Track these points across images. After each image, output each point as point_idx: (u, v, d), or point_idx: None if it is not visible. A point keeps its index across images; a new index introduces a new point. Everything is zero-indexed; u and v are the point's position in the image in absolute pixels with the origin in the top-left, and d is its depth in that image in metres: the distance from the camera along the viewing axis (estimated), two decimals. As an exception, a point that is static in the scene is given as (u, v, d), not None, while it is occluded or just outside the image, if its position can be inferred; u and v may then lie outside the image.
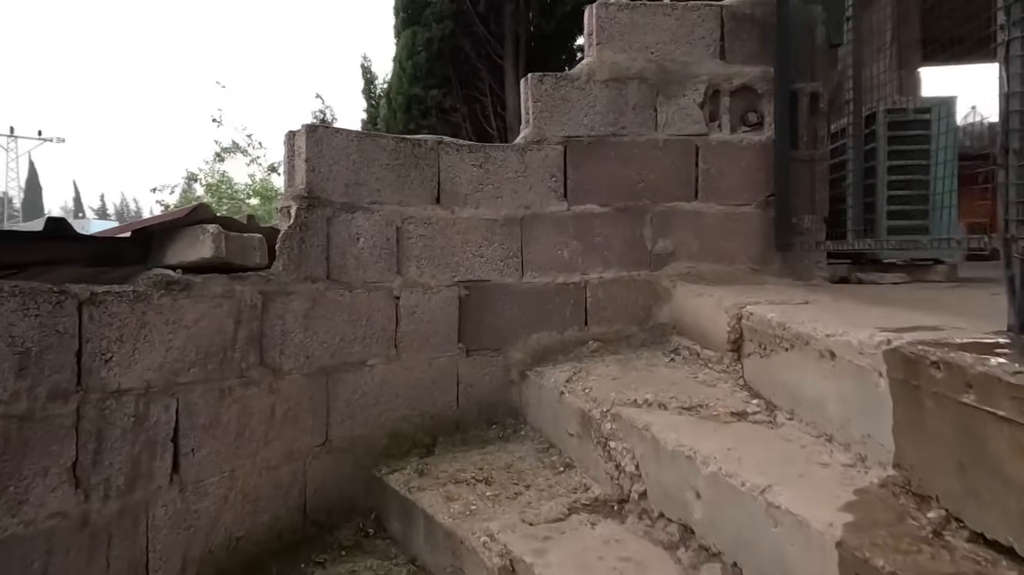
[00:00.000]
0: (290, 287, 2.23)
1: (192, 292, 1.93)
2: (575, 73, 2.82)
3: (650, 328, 2.86)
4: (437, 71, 8.13)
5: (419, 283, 2.58)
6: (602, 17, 2.82)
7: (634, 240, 2.87)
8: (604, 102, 2.82)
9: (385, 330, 2.50)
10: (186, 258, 1.95)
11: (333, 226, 2.38)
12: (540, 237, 2.79)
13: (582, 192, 2.83)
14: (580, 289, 2.84)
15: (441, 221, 2.63)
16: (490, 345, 2.73)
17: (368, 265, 2.46)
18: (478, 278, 2.70)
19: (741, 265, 2.90)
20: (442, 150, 2.65)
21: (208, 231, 1.93)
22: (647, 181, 2.86)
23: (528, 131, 2.79)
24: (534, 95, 2.78)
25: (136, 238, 1.94)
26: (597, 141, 2.83)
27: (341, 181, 2.41)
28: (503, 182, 2.74)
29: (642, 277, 2.87)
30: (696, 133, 2.87)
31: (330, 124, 2.61)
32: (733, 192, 2.89)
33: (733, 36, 2.87)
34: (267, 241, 2.19)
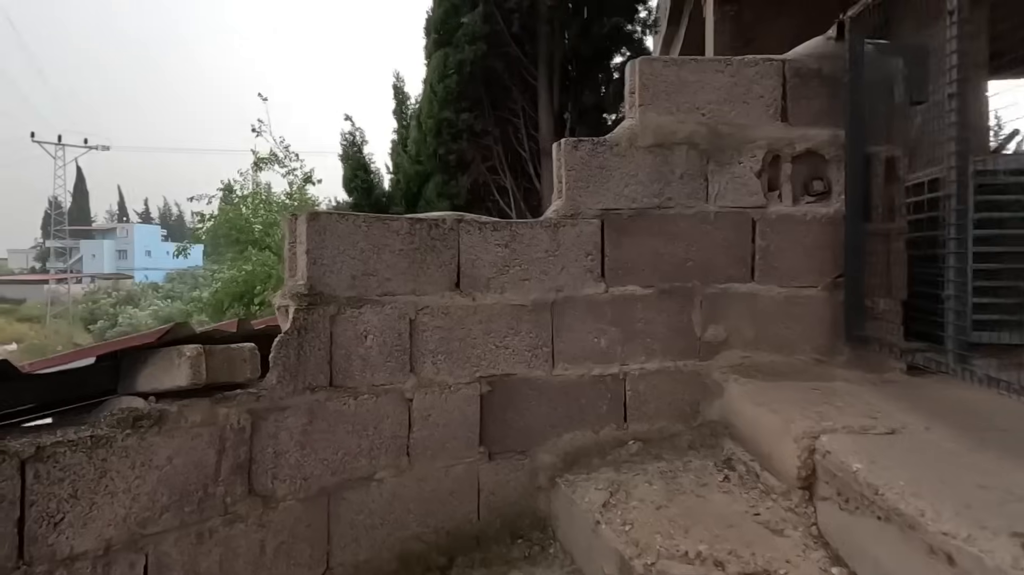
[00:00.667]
0: (285, 401, 1.94)
1: (166, 425, 1.66)
2: (614, 138, 2.49)
3: (698, 427, 2.51)
4: (469, 94, 7.85)
5: (435, 382, 2.28)
6: (646, 74, 2.48)
7: (681, 326, 2.53)
8: (647, 170, 2.49)
9: (396, 438, 2.20)
10: (160, 385, 1.68)
11: (337, 325, 2.09)
12: (573, 324, 2.46)
13: (622, 272, 2.50)
14: (618, 382, 2.50)
15: (461, 310, 2.33)
16: (515, 447, 2.41)
17: (377, 366, 2.17)
18: (502, 372, 2.39)
19: (803, 356, 2.53)
20: (462, 230, 2.34)
21: (185, 355, 1.66)
22: (696, 259, 2.52)
23: (560, 204, 2.47)
24: (568, 163, 2.46)
25: (103, 363, 1.68)
26: (639, 214, 2.49)
27: (347, 273, 2.12)
28: (532, 262, 2.42)
29: (689, 368, 2.53)
30: (753, 205, 2.52)
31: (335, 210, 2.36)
32: (795, 272, 2.52)
33: (797, 94, 2.50)
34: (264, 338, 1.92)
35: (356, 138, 9.53)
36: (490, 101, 8.15)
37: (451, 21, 7.70)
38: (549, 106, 8.30)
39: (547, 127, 8.31)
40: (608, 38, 7.82)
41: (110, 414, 1.58)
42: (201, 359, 1.69)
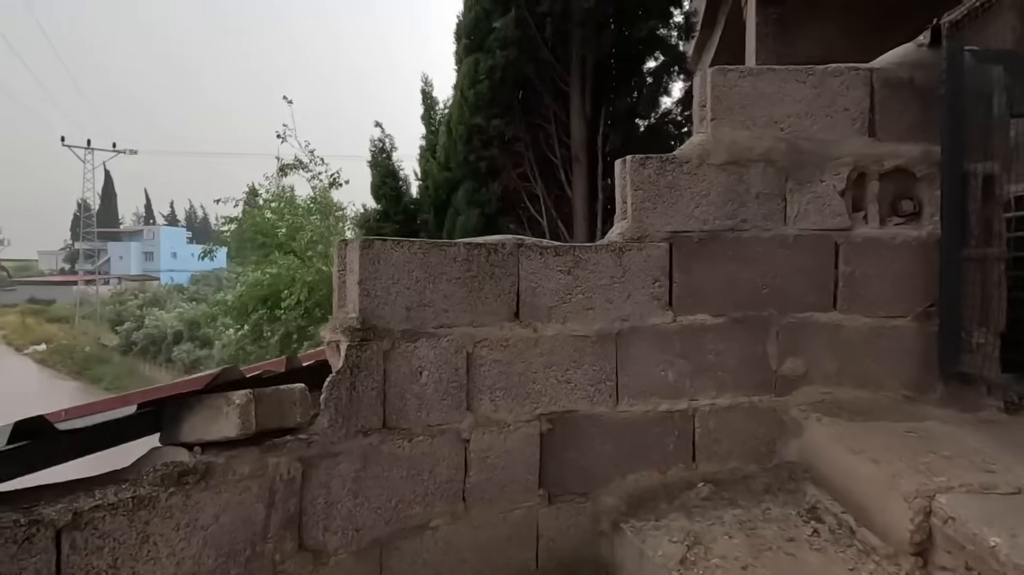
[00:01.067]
0: (337, 446, 1.78)
1: (212, 480, 1.50)
2: (684, 155, 2.30)
3: (774, 468, 2.31)
4: (500, 99, 7.68)
5: (493, 420, 2.10)
6: (719, 86, 2.29)
7: (755, 358, 2.33)
8: (720, 190, 2.29)
9: (451, 482, 2.03)
10: (206, 435, 1.53)
11: (391, 361, 1.93)
12: (639, 356, 2.28)
13: (691, 300, 2.30)
14: (687, 418, 2.31)
15: (521, 342, 2.15)
16: (577, 489, 2.23)
17: (432, 404, 2.00)
18: (564, 408, 2.21)
19: (891, 392, 2.32)
20: (523, 255, 2.17)
21: (234, 402, 1.50)
22: (773, 286, 2.32)
23: (626, 225, 2.29)
24: (634, 182, 2.28)
25: (145, 409, 1.53)
26: (710, 237, 2.30)
27: (401, 304, 1.95)
28: (595, 290, 2.24)
29: (765, 404, 2.33)
30: (836, 227, 2.31)
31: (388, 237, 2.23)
32: (882, 301, 2.31)
33: (886, 107, 2.29)
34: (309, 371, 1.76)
35: (385, 145, 9.41)
36: (521, 107, 7.97)
37: (482, 26, 7.54)
38: (581, 111, 8.10)
39: (579, 133, 8.11)
40: (642, 42, 7.61)
41: (153, 470, 1.43)
42: (251, 406, 1.53)
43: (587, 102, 8.05)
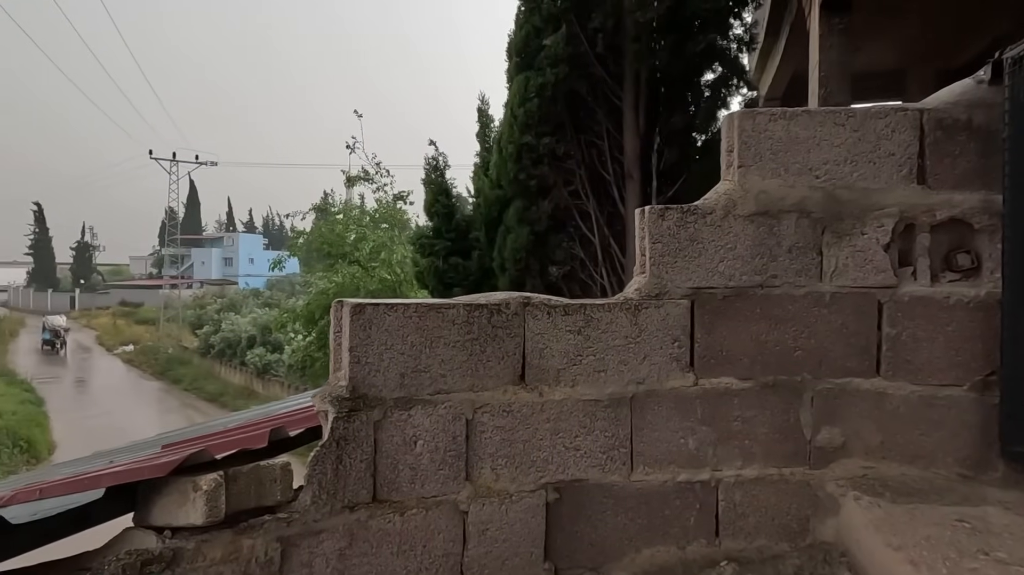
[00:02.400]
0: (321, 524, 1.71)
1: (179, 568, 1.45)
2: (707, 205, 2.13)
3: (807, 548, 2.10)
4: (550, 117, 7.56)
5: (494, 490, 1.99)
6: (747, 131, 2.11)
7: (786, 427, 2.13)
8: (748, 243, 2.11)
9: (448, 556, 1.93)
10: (174, 520, 1.48)
11: (383, 431, 1.84)
12: (656, 421, 2.11)
13: (714, 362, 2.12)
14: (709, 490, 2.13)
15: (525, 407, 2.03)
16: (587, 563, 2.09)
17: (428, 475, 1.90)
18: (572, 477, 2.07)
19: (943, 470, 2.06)
20: (529, 314, 2.05)
21: (201, 488, 1.45)
22: (807, 348, 2.11)
23: (643, 281, 2.13)
24: (652, 234, 2.12)
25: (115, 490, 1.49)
26: (736, 294, 2.11)
27: (395, 371, 1.87)
28: (608, 351, 2.09)
29: (797, 477, 2.12)
30: (879, 284, 2.08)
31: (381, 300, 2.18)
32: (934, 367, 2.07)
33: (938, 151, 2.05)
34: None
35: (439, 163, 9.45)
36: (573, 124, 7.83)
37: (533, 44, 7.45)
38: (635, 127, 7.89)
39: (632, 149, 7.90)
40: (699, 55, 7.33)
41: (116, 558, 1.39)
42: (220, 491, 1.48)
43: (641, 117, 7.83)
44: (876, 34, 8.04)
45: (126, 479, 1.47)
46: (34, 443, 18.92)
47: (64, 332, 42.11)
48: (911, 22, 7.96)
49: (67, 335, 42.78)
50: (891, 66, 9.30)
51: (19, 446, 18.24)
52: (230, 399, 26.94)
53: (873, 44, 8.22)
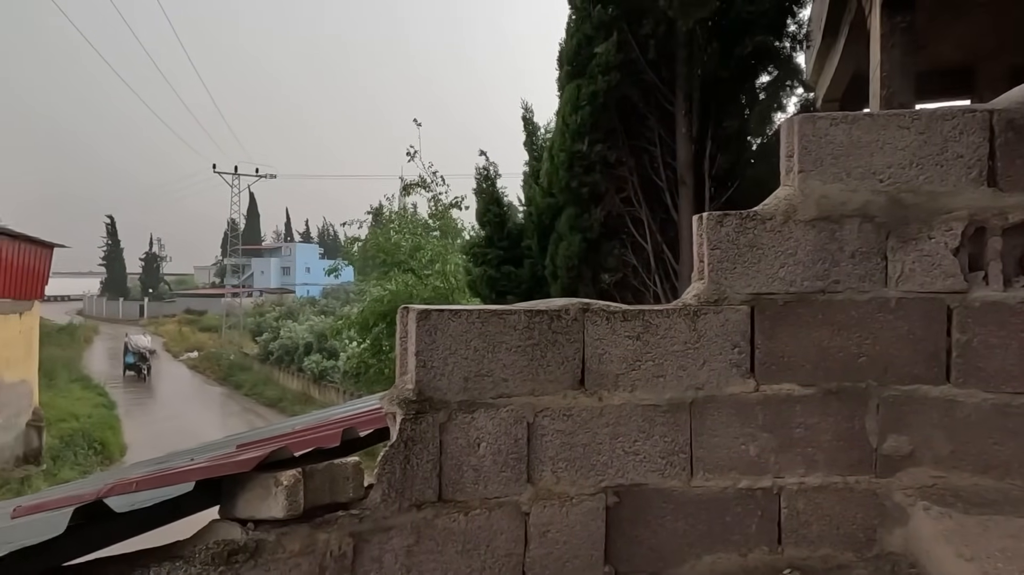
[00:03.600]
0: (389, 521, 1.79)
1: (262, 558, 1.54)
2: (767, 211, 2.13)
3: (873, 558, 2.06)
4: (601, 124, 7.57)
5: (555, 493, 2.03)
6: (807, 136, 2.10)
7: (851, 434, 2.10)
8: (809, 248, 2.09)
9: (510, 556, 1.98)
10: (257, 513, 1.58)
11: (448, 433, 1.91)
12: (716, 427, 2.12)
13: (775, 368, 2.11)
14: (771, 497, 2.11)
15: (585, 411, 2.07)
16: (646, 568, 2.10)
17: (490, 477, 1.96)
18: (631, 482, 2.09)
19: (1019, 480, 2.00)
20: (588, 320, 2.08)
21: (282, 483, 1.54)
22: (871, 355, 2.08)
23: (702, 287, 2.14)
24: (710, 241, 2.13)
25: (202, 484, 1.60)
26: (798, 300, 2.10)
27: (459, 375, 1.94)
28: (667, 356, 2.11)
29: (862, 486, 2.09)
30: (948, 289, 2.04)
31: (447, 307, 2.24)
32: (1008, 374, 2.01)
33: (1010, 152, 2.00)
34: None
35: (490, 172, 9.57)
36: (624, 131, 7.82)
37: (584, 52, 7.48)
38: (687, 133, 7.82)
39: (685, 155, 7.83)
40: (753, 57, 7.23)
41: (205, 548, 1.49)
42: (299, 487, 1.56)
43: (693, 123, 7.76)
44: (941, 31, 7.76)
45: (214, 474, 1.57)
46: (107, 445, 19.86)
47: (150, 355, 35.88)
48: (979, 18, 7.67)
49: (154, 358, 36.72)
50: (957, 64, 8.96)
51: (93, 448, 19.19)
52: (288, 404, 27.72)
53: (937, 42, 7.94)
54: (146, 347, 35.58)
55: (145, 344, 35.77)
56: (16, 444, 17.31)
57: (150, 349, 36.07)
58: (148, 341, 37.09)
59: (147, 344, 36.11)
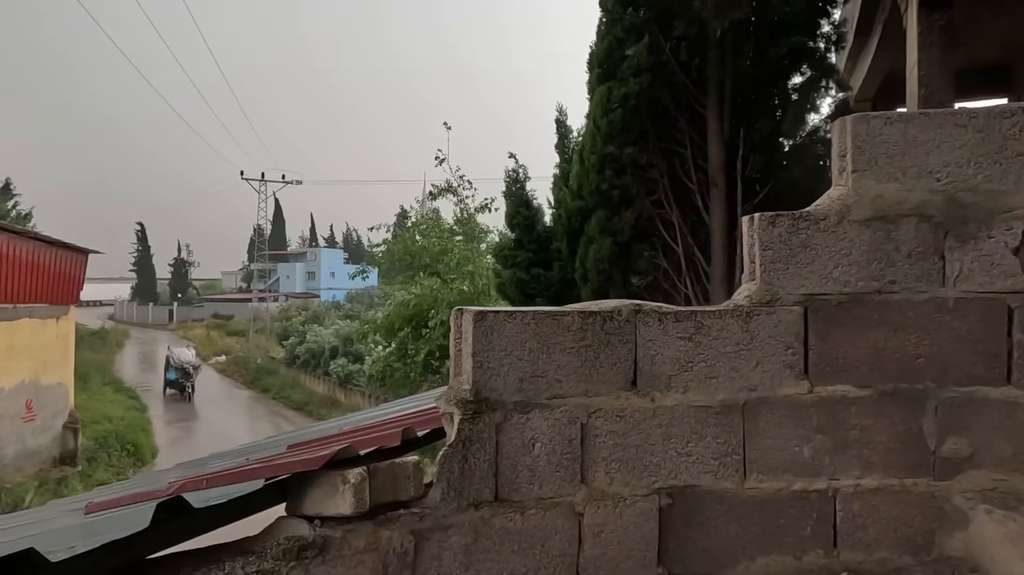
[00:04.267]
0: (449, 519, 1.81)
1: (329, 554, 1.58)
2: (820, 211, 2.11)
3: (932, 562, 2.04)
4: (633, 127, 7.57)
5: (608, 494, 2.04)
6: (860, 135, 2.08)
7: (908, 436, 2.07)
8: (863, 248, 2.08)
9: (564, 556, 1.99)
10: (324, 510, 1.61)
11: (504, 433, 1.93)
12: (769, 429, 2.11)
13: (830, 369, 2.10)
14: (826, 499, 2.10)
15: (638, 412, 2.07)
16: (699, 569, 2.09)
17: (545, 477, 1.97)
18: (684, 483, 2.09)
19: (1086, 484, 1.96)
20: (640, 321, 2.09)
21: (349, 481, 1.57)
22: (929, 355, 2.06)
23: (754, 288, 2.14)
24: (763, 241, 2.12)
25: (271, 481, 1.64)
26: (852, 300, 2.09)
27: (515, 376, 1.95)
28: (719, 357, 2.10)
29: (920, 489, 2.06)
30: (1008, 289, 2.01)
31: (502, 308, 2.26)
32: (1072, 375, 1.97)
33: (1072, 150, 1.97)
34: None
35: (519, 175, 9.60)
36: (655, 133, 7.81)
37: (615, 54, 7.49)
38: (719, 135, 7.78)
39: (717, 157, 7.79)
40: (786, 58, 7.17)
41: (276, 543, 1.52)
42: (365, 485, 1.60)
43: (725, 124, 7.72)
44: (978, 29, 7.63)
45: (284, 471, 1.61)
46: (139, 447, 20.26)
47: (194, 370, 30.87)
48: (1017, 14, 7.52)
49: (198, 374, 31.41)
50: (995, 62, 8.80)
51: (126, 449, 19.57)
52: (315, 408, 28.01)
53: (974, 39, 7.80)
54: (189, 362, 30.87)
55: (188, 359, 31.14)
56: (53, 445, 17.73)
57: (194, 364, 31.20)
58: (192, 355, 32.35)
59: (191, 359, 31.39)
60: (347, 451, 1.64)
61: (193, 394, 29.80)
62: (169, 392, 30.11)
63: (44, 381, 17.44)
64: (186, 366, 30.16)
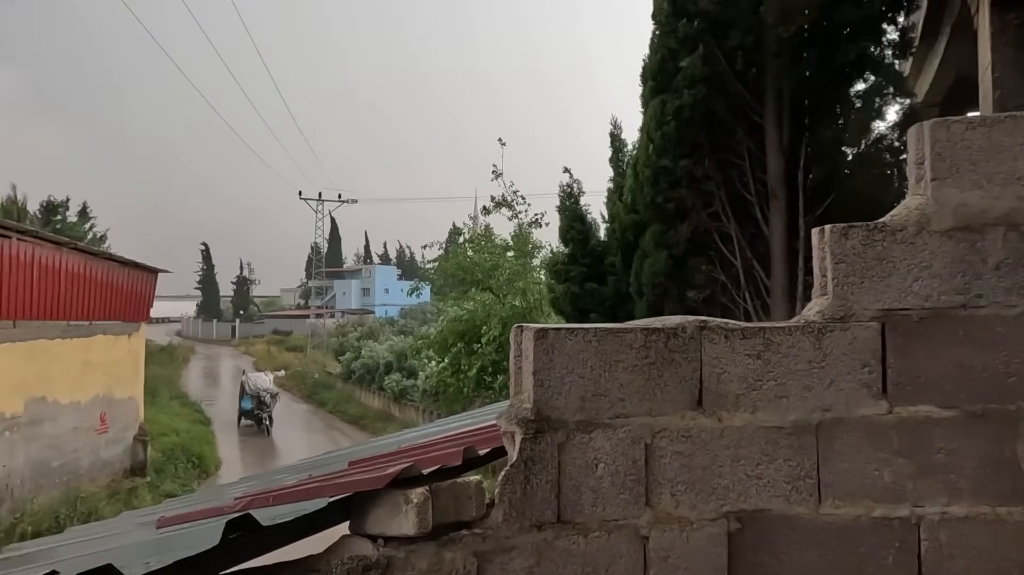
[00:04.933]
0: (511, 541, 1.78)
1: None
2: (897, 221, 2.01)
3: (1031, 598, 1.88)
4: (687, 139, 7.47)
5: (674, 517, 1.97)
6: (940, 141, 1.98)
7: (1000, 461, 1.94)
8: (945, 260, 1.96)
9: (629, 582, 1.92)
10: (387, 530, 1.60)
11: (566, 453, 1.89)
12: (846, 451, 2.00)
13: (911, 388, 1.98)
14: (910, 527, 1.97)
15: (704, 432, 2.00)
16: (772, 599, 2.00)
17: (608, 498, 1.92)
18: (755, 507, 2.00)
19: None
20: (705, 338, 2.02)
21: (412, 501, 1.56)
22: (1021, 374, 1.92)
23: (826, 303, 2.04)
24: (835, 254, 2.03)
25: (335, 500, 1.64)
26: (934, 316, 1.97)
27: (576, 394, 1.92)
28: (790, 375, 2.02)
29: (1016, 517, 1.92)
30: (1111, 303, 1.86)
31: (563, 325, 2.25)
32: None
33: None
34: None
35: (573, 189, 9.58)
36: (711, 145, 7.68)
37: (668, 66, 7.42)
38: (778, 145, 7.59)
39: (776, 167, 7.60)
40: (849, 65, 6.95)
41: (341, 562, 1.52)
42: (428, 505, 1.58)
43: (784, 134, 7.53)
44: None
45: (348, 490, 1.61)
46: (204, 459, 20.90)
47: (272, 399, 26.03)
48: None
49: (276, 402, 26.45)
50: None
51: (192, 461, 20.23)
52: (369, 422, 28.41)
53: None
54: (267, 389, 26.02)
55: (266, 385, 26.23)
56: (124, 457, 18.49)
57: (272, 391, 26.28)
58: (269, 380, 27.23)
59: (268, 386, 26.38)
60: (411, 470, 1.63)
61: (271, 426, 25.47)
62: (244, 423, 26.04)
63: (116, 395, 18.24)
64: (262, 394, 25.57)
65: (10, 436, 13.83)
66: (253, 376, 27.15)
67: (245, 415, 25.94)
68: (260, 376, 27.47)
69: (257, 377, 27.01)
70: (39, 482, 14.47)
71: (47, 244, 15.44)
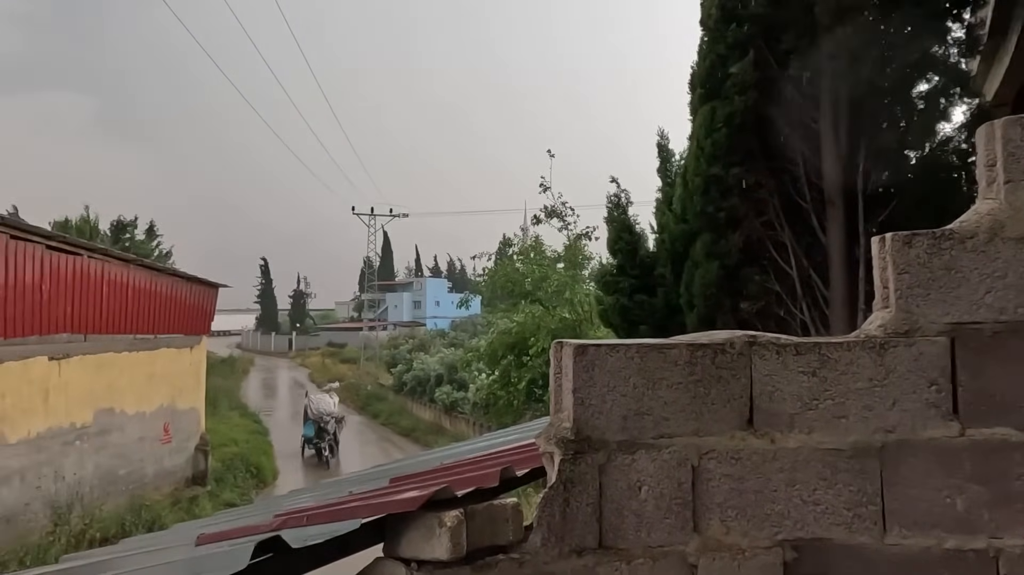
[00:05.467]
0: (549, 567, 1.70)
1: (426, 601, 1.51)
2: (966, 228, 1.86)
3: None
4: (738, 146, 7.27)
5: (725, 544, 1.85)
6: (1014, 141, 1.83)
7: (1089, 490, 1.76)
8: (1022, 270, 1.80)
9: (677, 612, 1.82)
10: (420, 554, 1.55)
11: (607, 475, 1.81)
12: (912, 476, 1.85)
13: (985, 408, 1.83)
14: (987, 561, 1.81)
15: (755, 454, 1.88)
16: (833, 635, 1.86)
17: (653, 523, 1.82)
18: (812, 535, 1.87)
19: None
20: (755, 354, 1.91)
21: (445, 525, 1.51)
22: (1112, 394, 1.74)
23: (889, 317, 1.91)
24: (897, 264, 1.89)
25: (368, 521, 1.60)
26: (1011, 330, 1.81)
27: (618, 413, 1.83)
28: (849, 394, 1.88)
29: (1109, 554, 1.73)
30: None
31: (604, 341, 2.18)
32: None
33: None
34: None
35: (621, 200, 9.46)
36: (763, 152, 7.46)
37: (718, 73, 7.26)
38: (834, 149, 7.31)
39: (832, 173, 7.31)
40: (911, 66, 6.65)
41: (374, 586, 1.47)
42: (462, 528, 1.52)
43: (841, 138, 7.25)
44: None
45: (380, 512, 1.57)
46: (262, 469, 21.41)
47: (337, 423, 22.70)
48: None
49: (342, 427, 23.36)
50: None
51: (250, 471, 20.75)
52: (421, 434, 28.60)
53: None
54: (331, 413, 22.63)
55: (330, 409, 22.80)
56: (186, 466, 19.11)
57: (337, 416, 22.94)
58: (333, 403, 23.64)
59: (332, 409, 22.95)
60: (444, 492, 1.58)
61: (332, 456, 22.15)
62: (307, 453, 22.96)
63: (179, 406, 18.90)
64: (325, 418, 22.27)
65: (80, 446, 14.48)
66: (315, 399, 23.83)
67: (308, 442, 22.82)
68: (324, 399, 23.87)
69: (320, 400, 23.64)
70: (107, 490, 15.08)
71: (116, 261, 16.18)
